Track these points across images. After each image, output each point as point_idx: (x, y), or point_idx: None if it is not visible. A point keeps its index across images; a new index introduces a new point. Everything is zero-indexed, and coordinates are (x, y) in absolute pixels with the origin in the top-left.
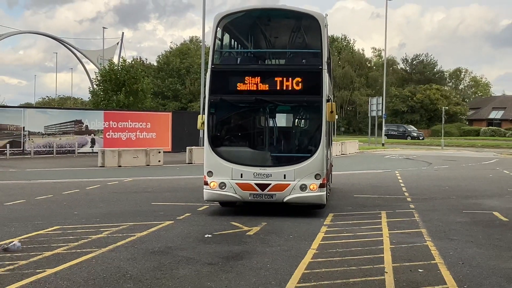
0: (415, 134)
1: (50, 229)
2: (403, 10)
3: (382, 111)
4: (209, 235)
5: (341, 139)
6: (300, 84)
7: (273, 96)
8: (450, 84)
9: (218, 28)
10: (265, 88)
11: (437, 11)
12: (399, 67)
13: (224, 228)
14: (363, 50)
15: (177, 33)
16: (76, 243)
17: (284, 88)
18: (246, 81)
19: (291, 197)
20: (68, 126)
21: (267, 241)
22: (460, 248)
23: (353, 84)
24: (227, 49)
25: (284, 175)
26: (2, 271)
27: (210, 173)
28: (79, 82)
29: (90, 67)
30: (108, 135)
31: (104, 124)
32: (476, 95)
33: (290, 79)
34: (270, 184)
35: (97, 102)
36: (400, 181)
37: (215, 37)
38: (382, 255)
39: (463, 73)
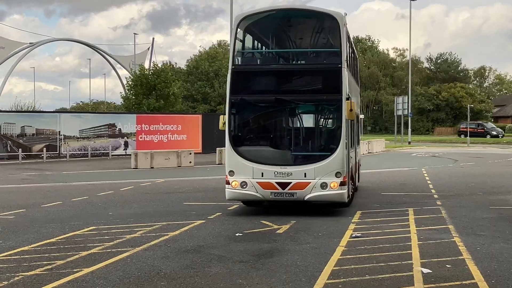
0: (495, 133)
1: (86, 229)
2: (428, 10)
3: (408, 110)
4: (240, 234)
5: (367, 138)
6: (319, 83)
7: (292, 96)
8: (475, 82)
9: (239, 29)
10: (284, 87)
11: (461, 10)
12: (423, 66)
13: (254, 227)
14: (387, 50)
15: (207, 37)
16: (111, 243)
17: (303, 87)
18: (265, 81)
19: (312, 195)
20: (102, 130)
21: (297, 239)
22: (487, 243)
23: (379, 84)
24: (248, 50)
25: (305, 173)
26: (40, 271)
27: (231, 173)
28: (112, 87)
29: (123, 72)
30: (141, 137)
31: (136, 127)
32: (501, 92)
33: (309, 78)
34: (291, 182)
35: (129, 106)
36: (427, 178)
37: (236, 38)
38: (410, 251)
39: (487, 71)
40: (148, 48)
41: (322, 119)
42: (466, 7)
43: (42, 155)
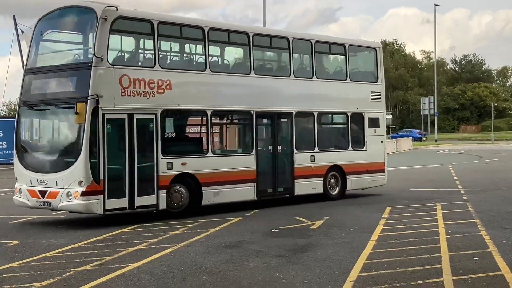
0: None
1: (132, 227)
2: (452, 15)
3: (434, 109)
4: (276, 230)
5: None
6: (69, 84)
7: (50, 99)
8: (498, 81)
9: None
10: (46, 90)
11: (484, 14)
12: (448, 67)
13: (289, 223)
14: (413, 53)
15: None
16: (155, 239)
17: (59, 89)
18: (34, 85)
19: (62, 204)
20: None
21: (330, 234)
22: None
23: (407, 85)
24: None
25: (56, 182)
26: (91, 266)
27: (16, 179)
28: None
29: None
30: None
31: None
32: None
33: (63, 79)
34: (47, 191)
35: None
36: (453, 174)
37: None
38: (438, 244)
39: (510, 70)
40: None
41: (66, 124)
42: (489, 10)
43: None
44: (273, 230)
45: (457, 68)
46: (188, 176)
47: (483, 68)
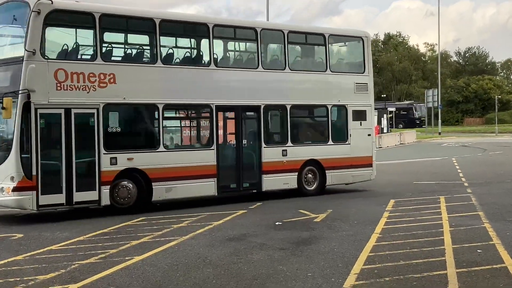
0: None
1: (136, 220)
2: (456, 7)
3: (438, 102)
4: (280, 223)
5: (399, 130)
6: (4, 77)
7: None
8: (502, 74)
9: None
10: None
11: (488, 6)
12: (452, 60)
13: (293, 216)
14: (417, 46)
15: None
16: (159, 232)
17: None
18: None
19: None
20: None
21: (333, 227)
22: None
23: (410, 77)
24: None
25: None
26: (95, 259)
27: None
28: None
29: None
30: None
31: None
32: None
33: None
34: None
35: None
36: (457, 167)
37: None
38: (442, 237)
39: None
40: None
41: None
42: (493, 2)
43: None
44: (277, 223)
45: (461, 61)
46: (136, 171)
47: (487, 61)
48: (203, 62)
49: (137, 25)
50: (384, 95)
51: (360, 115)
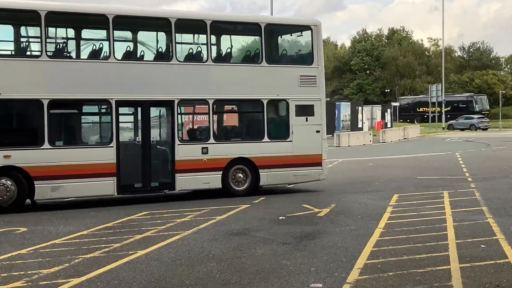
0: None
1: (140, 214)
2: (460, 2)
3: (442, 97)
4: (283, 217)
5: (403, 124)
6: None
7: None
8: (506, 69)
9: None
10: None
11: (493, 1)
12: (456, 55)
13: (296, 210)
14: (421, 41)
15: None
16: (163, 227)
17: None
18: None
19: None
20: None
21: (337, 222)
22: None
23: (414, 72)
24: None
25: None
26: (99, 253)
27: None
28: None
29: None
30: None
31: None
32: None
33: None
34: None
35: None
36: (461, 162)
37: None
38: (445, 232)
39: None
40: None
41: None
42: None
43: None
44: (280, 218)
45: (465, 56)
46: (16, 169)
47: (491, 56)
48: (102, 55)
49: (19, 17)
50: (388, 90)
51: (305, 110)
